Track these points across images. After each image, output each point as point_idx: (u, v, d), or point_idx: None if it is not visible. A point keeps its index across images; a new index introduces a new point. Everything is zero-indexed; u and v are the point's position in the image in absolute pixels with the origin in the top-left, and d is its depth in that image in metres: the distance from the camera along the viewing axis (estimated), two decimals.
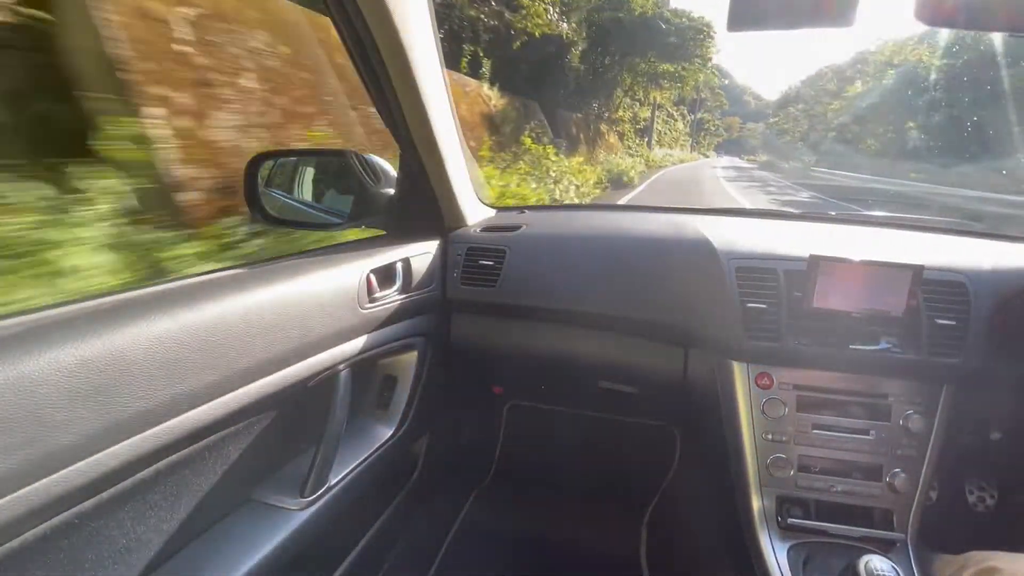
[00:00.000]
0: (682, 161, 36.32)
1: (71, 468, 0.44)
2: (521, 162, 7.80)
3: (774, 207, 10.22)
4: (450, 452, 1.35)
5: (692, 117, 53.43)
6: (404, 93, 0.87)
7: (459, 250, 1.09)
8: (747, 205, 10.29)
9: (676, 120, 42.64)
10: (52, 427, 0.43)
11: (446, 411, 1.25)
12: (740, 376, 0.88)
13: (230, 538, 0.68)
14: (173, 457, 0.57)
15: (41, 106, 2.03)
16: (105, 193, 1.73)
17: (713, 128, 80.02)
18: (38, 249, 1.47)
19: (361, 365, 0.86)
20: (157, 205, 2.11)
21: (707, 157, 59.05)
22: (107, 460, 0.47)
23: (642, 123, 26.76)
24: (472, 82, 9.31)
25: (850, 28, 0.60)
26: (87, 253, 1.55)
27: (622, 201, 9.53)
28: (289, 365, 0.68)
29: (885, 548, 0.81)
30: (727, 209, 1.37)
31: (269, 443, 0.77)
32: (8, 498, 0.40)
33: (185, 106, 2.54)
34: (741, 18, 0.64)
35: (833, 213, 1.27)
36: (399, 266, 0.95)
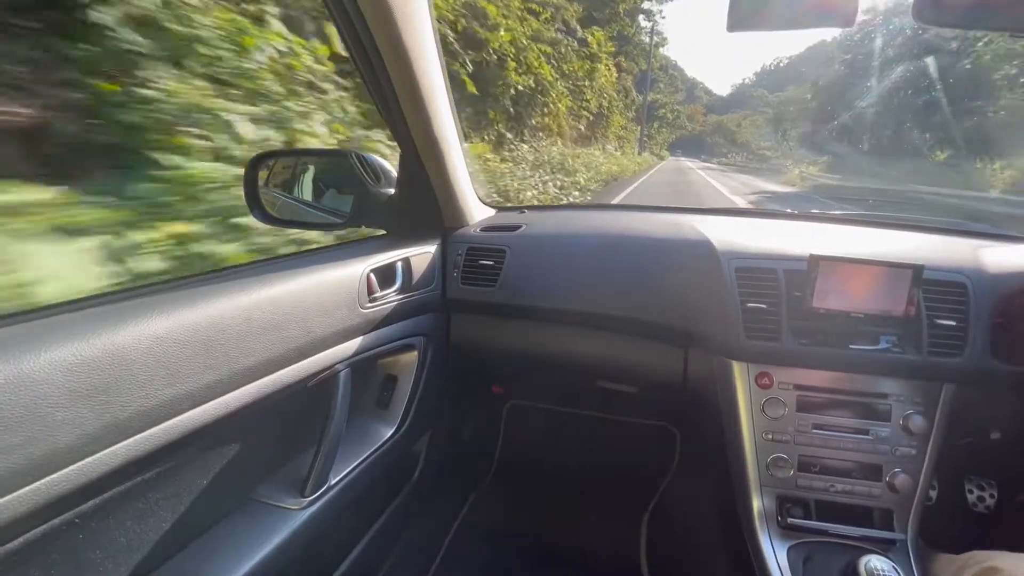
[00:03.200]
0: (619, 174, 14.23)
1: (72, 468, 0.44)
2: None
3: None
4: (450, 451, 1.35)
5: (641, 97, 28.93)
6: (404, 93, 0.87)
7: (459, 250, 1.10)
8: None
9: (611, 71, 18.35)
10: (53, 426, 0.43)
11: (446, 411, 1.25)
12: (740, 376, 0.88)
13: (230, 538, 0.68)
14: (174, 457, 0.57)
15: None
16: None
17: (672, 117, 51.20)
18: None
19: (361, 365, 0.86)
20: None
21: (663, 160, 38.78)
22: (108, 460, 0.47)
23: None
24: None
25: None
26: None
27: None
28: (289, 365, 0.68)
29: (885, 548, 0.81)
30: (727, 209, 1.38)
31: (269, 443, 0.77)
32: (8, 497, 0.40)
33: None
34: (742, 18, 0.64)
35: (833, 212, 1.27)
36: (399, 266, 0.95)
